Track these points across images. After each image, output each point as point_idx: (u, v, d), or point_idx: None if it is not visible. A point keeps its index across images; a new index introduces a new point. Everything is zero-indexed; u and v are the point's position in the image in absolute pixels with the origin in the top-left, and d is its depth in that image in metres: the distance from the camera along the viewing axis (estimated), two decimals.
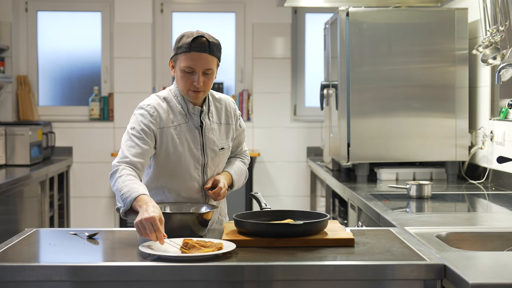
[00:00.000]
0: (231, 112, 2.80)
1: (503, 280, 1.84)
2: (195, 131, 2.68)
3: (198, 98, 2.65)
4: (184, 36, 2.61)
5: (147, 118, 2.64)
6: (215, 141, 2.71)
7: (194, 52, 2.57)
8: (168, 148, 2.65)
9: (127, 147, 2.58)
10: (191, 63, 2.58)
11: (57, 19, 6.30)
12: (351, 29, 4.20)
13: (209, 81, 2.62)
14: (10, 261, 2.10)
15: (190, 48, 2.57)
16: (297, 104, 6.32)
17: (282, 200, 6.15)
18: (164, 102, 2.69)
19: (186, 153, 2.66)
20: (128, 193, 2.41)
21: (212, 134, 2.71)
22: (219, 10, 6.30)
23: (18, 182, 4.70)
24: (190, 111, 2.68)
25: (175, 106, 2.68)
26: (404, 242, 2.32)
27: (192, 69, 2.59)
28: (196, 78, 2.59)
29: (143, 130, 2.61)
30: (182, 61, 2.60)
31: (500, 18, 3.74)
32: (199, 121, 2.68)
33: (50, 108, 6.24)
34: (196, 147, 2.67)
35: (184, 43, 2.59)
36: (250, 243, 2.29)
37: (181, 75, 2.62)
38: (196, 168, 2.69)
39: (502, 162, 3.32)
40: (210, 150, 2.70)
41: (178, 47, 2.61)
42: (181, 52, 2.59)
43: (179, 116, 2.67)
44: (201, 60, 2.58)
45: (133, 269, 2.04)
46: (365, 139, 4.23)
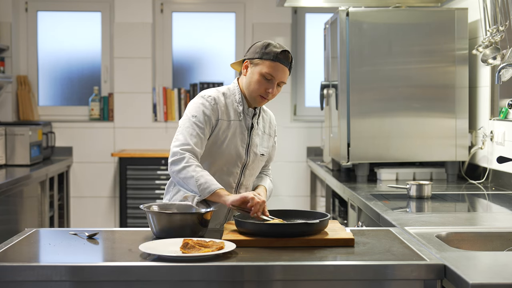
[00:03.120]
0: (274, 126, 2.97)
1: (503, 280, 1.84)
2: (245, 131, 2.80)
3: (261, 104, 2.79)
4: (271, 45, 2.74)
5: (209, 109, 2.74)
6: (258, 146, 2.84)
7: (279, 63, 2.71)
8: (217, 139, 2.75)
9: (189, 135, 2.69)
10: (273, 72, 2.71)
11: (57, 19, 6.30)
12: (351, 29, 4.20)
13: (278, 92, 2.78)
14: (10, 261, 2.10)
15: (277, 58, 2.71)
16: (297, 104, 6.32)
17: (282, 200, 6.15)
18: (223, 97, 2.80)
19: (232, 149, 2.76)
20: (206, 184, 2.58)
21: (257, 138, 2.84)
22: (219, 10, 6.30)
23: (18, 182, 4.70)
24: (245, 112, 2.81)
25: (231, 103, 2.80)
26: (404, 242, 2.32)
27: (272, 77, 2.72)
28: (272, 86, 2.72)
29: (204, 120, 2.72)
30: (265, 67, 2.72)
31: (500, 18, 3.74)
32: (250, 123, 2.81)
33: (50, 108, 6.24)
34: (242, 145, 2.79)
35: (272, 51, 2.71)
36: (250, 243, 2.29)
37: (258, 79, 2.73)
38: (236, 165, 2.79)
39: (502, 162, 3.32)
40: (253, 152, 2.82)
41: (265, 52, 2.72)
42: (267, 59, 2.71)
43: (234, 113, 2.79)
44: (282, 72, 2.73)
45: (133, 269, 2.04)
46: (365, 139, 4.24)
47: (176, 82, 6.30)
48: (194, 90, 6.15)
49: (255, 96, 2.76)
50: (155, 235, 2.43)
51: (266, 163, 2.99)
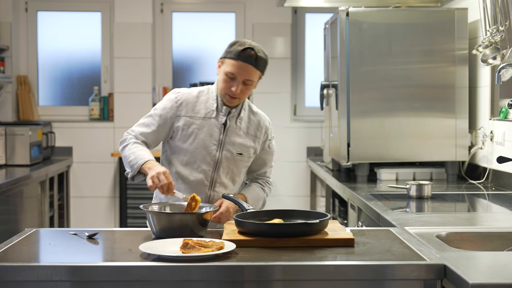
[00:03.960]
0: (263, 128, 2.92)
1: (503, 280, 1.84)
2: (217, 128, 2.81)
3: (232, 103, 2.80)
4: (237, 43, 2.75)
5: (170, 104, 2.83)
6: (235, 144, 2.82)
7: (241, 61, 2.71)
8: (186, 136, 2.80)
9: (140, 124, 2.86)
10: (235, 70, 2.72)
11: (57, 19, 6.30)
12: (351, 29, 4.20)
13: (247, 90, 2.76)
14: (10, 261, 2.10)
15: (238, 56, 2.71)
16: (297, 104, 6.32)
17: (282, 200, 6.15)
18: (198, 94, 2.85)
19: (201, 145, 2.79)
20: (135, 160, 2.70)
21: (234, 137, 2.82)
22: (219, 10, 6.30)
23: (18, 182, 4.70)
24: (219, 109, 2.82)
25: (206, 100, 2.84)
26: (404, 242, 2.32)
27: (234, 75, 2.72)
28: (235, 85, 2.73)
29: (161, 113, 2.82)
30: (227, 66, 2.74)
31: (500, 18, 3.74)
32: (224, 120, 2.81)
33: (50, 108, 6.24)
34: (214, 143, 2.80)
35: (234, 50, 2.72)
36: (250, 243, 2.29)
37: (223, 78, 2.76)
38: (207, 163, 2.80)
39: (502, 162, 3.32)
40: (227, 150, 2.81)
41: (228, 51, 2.75)
42: (229, 57, 2.74)
43: (207, 110, 2.82)
44: (245, 70, 2.72)
45: (133, 269, 2.04)
46: (365, 139, 4.23)
47: (176, 82, 6.30)
48: None
49: (223, 95, 2.79)
50: (155, 235, 2.43)
51: (258, 167, 2.96)
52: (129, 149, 2.76)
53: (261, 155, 2.94)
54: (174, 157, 2.85)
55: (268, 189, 3.00)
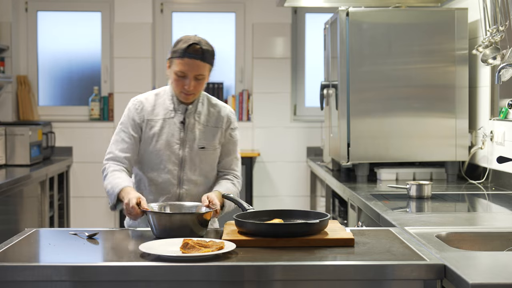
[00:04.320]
0: (224, 118, 2.90)
1: (503, 280, 1.84)
2: (177, 127, 2.82)
3: (188, 99, 2.81)
4: (181, 41, 2.77)
5: (132, 112, 2.86)
6: (196, 139, 2.83)
7: (188, 58, 2.72)
8: (149, 139, 2.82)
9: (115, 142, 2.85)
10: (183, 68, 2.73)
11: (57, 19, 6.30)
12: (351, 29, 4.20)
13: (200, 85, 2.78)
14: (10, 261, 2.10)
15: (184, 54, 2.72)
16: (297, 104, 6.32)
17: (282, 200, 6.15)
18: (154, 97, 2.88)
19: (164, 146, 2.81)
20: (111, 189, 2.69)
21: (194, 132, 2.83)
22: (219, 10, 6.30)
23: (18, 182, 4.70)
24: (176, 108, 2.84)
25: (163, 102, 2.86)
26: (404, 242, 2.32)
27: (184, 73, 2.74)
28: (188, 82, 2.74)
29: (130, 123, 2.84)
30: (176, 65, 2.75)
31: (500, 18, 3.74)
32: (182, 118, 2.82)
33: (50, 108, 6.24)
34: (176, 142, 2.82)
35: (179, 48, 2.74)
36: (250, 243, 2.29)
37: (174, 78, 2.77)
38: (172, 162, 2.81)
39: (502, 162, 3.32)
40: (189, 147, 2.83)
41: (174, 51, 2.76)
42: (176, 57, 2.75)
43: (165, 111, 2.84)
44: (193, 66, 2.73)
45: (133, 269, 2.04)
46: (365, 139, 4.23)
47: None
48: None
49: (178, 94, 2.80)
50: (155, 235, 2.43)
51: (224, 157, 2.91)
52: (107, 179, 2.75)
53: (224, 144, 2.92)
54: (142, 161, 2.85)
55: (238, 183, 2.95)
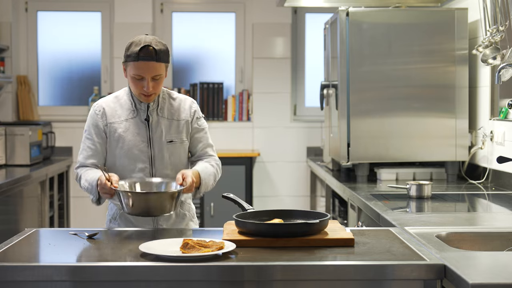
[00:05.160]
0: (187, 109, 2.92)
1: (503, 280, 1.84)
2: (142, 125, 2.84)
3: (149, 100, 2.81)
4: (133, 44, 2.78)
5: (94, 118, 2.88)
6: (163, 134, 2.85)
7: (142, 61, 2.72)
8: (115, 141, 2.84)
9: (81, 150, 2.88)
10: (140, 71, 2.74)
11: (57, 19, 6.30)
12: (351, 29, 4.20)
13: (158, 85, 2.78)
14: (10, 261, 2.10)
15: (138, 57, 2.73)
16: (297, 104, 6.32)
17: (282, 200, 6.15)
18: (115, 99, 2.89)
19: (132, 146, 2.82)
20: (90, 185, 2.73)
21: (159, 128, 2.85)
22: (219, 10, 6.30)
23: (18, 182, 4.70)
24: (138, 107, 2.85)
25: (125, 103, 2.87)
26: (404, 242, 2.32)
27: (141, 76, 2.74)
28: (146, 84, 2.75)
29: (93, 130, 2.86)
30: (131, 69, 2.76)
31: (500, 18, 3.74)
32: (145, 116, 2.83)
33: (50, 108, 6.24)
34: (142, 140, 2.83)
35: (132, 52, 2.75)
36: (250, 243, 2.29)
37: (132, 81, 2.79)
38: (142, 161, 2.83)
39: (502, 162, 3.32)
40: (157, 143, 2.84)
41: (127, 55, 2.77)
42: (130, 61, 2.75)
43: (127, 112, 2.86)
44: (149, 68, 2.73)
45: (133, 269, 2.04)
46: (365, 139, 4.23)
47: (176, 82, 6.30)
48: (194, 90, 6.16)
49: (138, 96, 2.81)
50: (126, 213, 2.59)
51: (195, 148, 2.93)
52: (82, 178, 2.80)
53: (193, 134, 2.93)
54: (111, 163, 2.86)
55: (217, 165, 2.94)
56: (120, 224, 2.90)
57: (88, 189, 2.75)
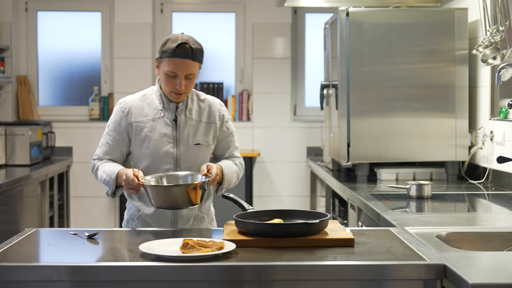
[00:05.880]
0: (215, 112, 2.90)
1: (503, 280, 1.84)
2: (169, 126, 2.81)
3: (179, 99, 2.79)
4: (169, 41, 2.73)
5: (118, 114, 2.84)
6: (190, 136, 2.82)
7: (178, 58, 2.70)
8: (140, 141, 2.80)
9: (100, 145, 2.88)
10: (174, 68, 2.71)
11: (57, 19, 6.30)
12: (351, 29, 4.20)
13: (190, 84, 2.75)
14: (10, 261, 2.10)
15: (174, 54, 2.69)
16: (297, 104, 6.32)
17: (282, 200, 6.15)
18: (142, 98, 2.86)
19: (158, 147, 2.79)
20: (108, 177, 2.73)
21: (187, 129, 2.82)
22: (219, 10, 6.30)
23: (18, 182, 4.70)
24: (166, 107, 2.82)
25: (152, 102, 2.83)
26: (404, 242, 2.32)
27: (174, 73, 2.71)
28: (178, 82, 2.72)
29: (114, 127, 2.84)
30: (165, 66, 2.72)
31: (500, 18, 3.74)
32: (173, 116, 2.81)
33: (50, 108, 6.24)
34: (169, 141, 2.80)
35: (168, 48, 2.71)
36: (250, 243, 2.29)
37: (164, 78, 2.75)
38: (167, 162, 2.80)
39: (502, 162, 3.32)
40: (183, 144, 2.81)
41: (162, 51, 2.73)
42: (165, 57, 2.72)
43: (155, 111, 2.82)
44: (183, 66, 2.71)
45: (133, 269, 2.04)
46: (365, 139, 4.23)
47: None
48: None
49: (168, 94, 2.78)
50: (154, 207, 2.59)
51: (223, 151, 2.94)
52: (99, 171, 2.79)
53: (222, 138, 2.92)
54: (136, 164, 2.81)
55: (240, 165, 2.96)
56: (137, 225, 2.87)
57: (106, 180, 2.74)
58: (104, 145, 2.84)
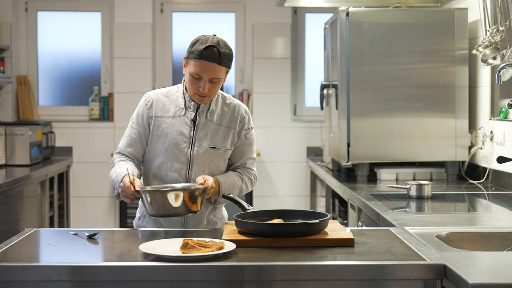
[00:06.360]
0: (237, 118, 2.84)
1: (503, 280, 1.84)
2: (187, 125, 2.77)
3: (202, 101, 2.76)
4: (199, 42, 2.71)
5: (142, 107, 2.86)
6: (207, 139, 2.77)
7: (204, 60, 2.66)
8: (157, 136, 2.79)
9: (123, 137, 2.88)
10: (199, 70, 2.67)
11: (57, 19, 6.30)
12: (351, 29, 4.20)
13: (215, 88, 2.70)
14: (10, 261, 2.10)
15: (201, 56, 2.66)
16: (297, 104, 6.32)
17: (282, 200, 6.15)
18: (167, 93, 2.86)
19: (174, 144, 2.76)
20: (116, 178, 2.72)
21: (205, 131, 2.77)
22: (219, 10, 6.30)
23: (18, 182, 4.70)
24: (188, 106, 2.79)
25: (175, 99, 2.82)
26: (404, 242, 2.32)
27: (199, 76, 2.67)
28: (202, 85, 2.68)
29: (137, 120, 2.85)
30: (192, 67, 2.70)
31: (500, 18, 3.74)
32: (193, 116, 2.77)
33: (50, 108, 6.24)
34: (185, 140, 2.76)
35: (196, 49, 2.68)
36: (250, 243, 2.29)
37: (189, 79, 2.72)
38: (180, 161, 2.76)
39: (502, 162, 3.32)
40: (199, 146, 2.76)
41: (191, 51, 2.71)
42: (192, 58, 2.69)
43: (176, 108, 2.80)
44: (209, 69, 2.66)
45: (133, 269, 2.04)
46: (365, 139, 4.23)
47: (176, 82, 6.29)
48: None
49: (192, 95, 2.74)
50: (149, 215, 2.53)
51: (237, 159, 2.89)
52: (114, 167, 2.79)
53: (238, 145, 2.87)
54: (150, 159, 2.82)
55: (249, 180, 2.91)
56: (149, 223, 2.83)
57: (114, 180, 2.73)
58: (126, 137, 2.85)
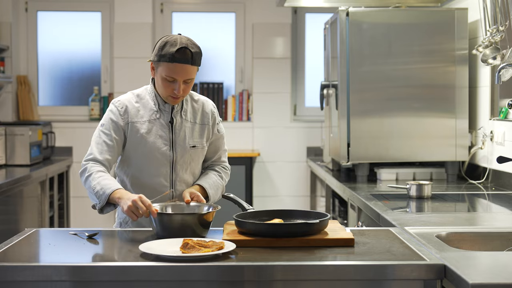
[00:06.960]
0: (208, 114, 2.84)
1: (503, 280, 1.84)
2: (165, 128, 2.74)
3: (175, 102, 2.73)
4: (168, 44, 2.64)
5: (116, 114, 2.73)
6: (186, 139, 2.76)
7: (177, 63, 2.61)
8: (135, 142, 2.73)
9: (95, 144, 2.73)
10: (173, 73, 2.63)
11: (57, 19, 6.30)
12: (351, 29, 4.20)
13: (188, 88, 2.68)
14: (10, 261, 2.10)
15: (174, 59, 2.61)
16: (297, 104, 6.32)
17: (282, 200, 6.15)
18: (137, 98, 2.78)
19: (153, 149, 2.72)
20: (102, 190, 2.57)
21: (183, 131, 2.76)
22: (219, 10, 6.30)
23: (18, 182, 4.70)
24: (161, 108, 2.75)
25: (147, 102, 2.76)
26: (404, 242, 2.32)
27: (173, 78, 2.63)
28: (177, 87, 2.64)
29: (111, 126, 2.72)
30: (164, 70, 2.64)
31: (500, 18, 3.74)
32: (169, 118, 2.75)
33: (50, 108, 6.24)
34: (165, 143, 2.73)
35: (167, 52, 2.62)
36: (250, 243, 2.29)
37: (162, 82, 2.67)
38: (163, 165, 2.74)
39: (502, 162, 3.32)
40: (180, 147, 2.75)
41: (161, 55, 2.64)
42: (163, 61, 2.63)
43: (150, 112, 2.75)
44: (183, 71, 2.63)
45: (133, 269, 2.04)
46: (365, 139, 4.23)
47: None
48: (194, 90, 6.15)
49: (165, 98, 2.70)
50: (157, 236, 2.42)
51: (212, 154, 2.89)
52: (93, 179, 2.62)
53: (213, 141, 2.87)
54: (129, 166, 2.76)
55: (225, 175, 2.91)
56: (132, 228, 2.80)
57: (98, 193, 2.57)
58: (100, 144, 2.71)
